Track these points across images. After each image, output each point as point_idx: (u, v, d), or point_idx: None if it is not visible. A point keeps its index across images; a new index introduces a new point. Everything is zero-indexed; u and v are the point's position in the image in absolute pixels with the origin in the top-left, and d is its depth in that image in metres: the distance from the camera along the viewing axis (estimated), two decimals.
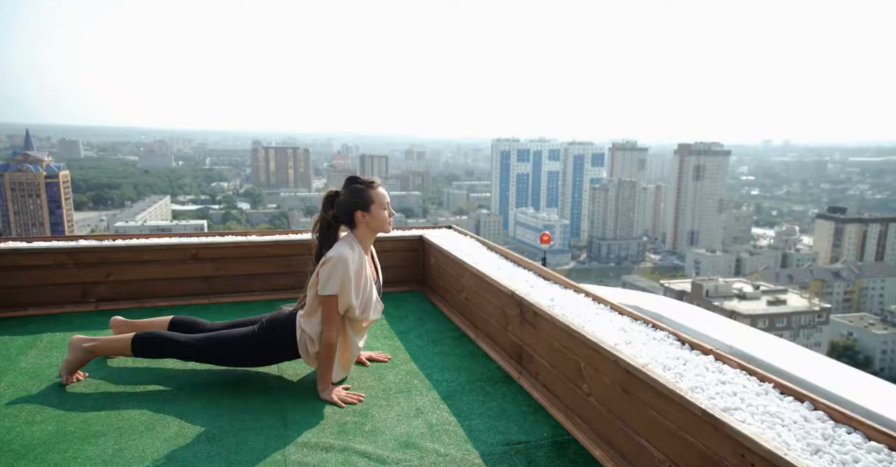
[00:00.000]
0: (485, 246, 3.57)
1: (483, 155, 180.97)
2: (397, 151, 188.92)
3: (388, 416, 2.15)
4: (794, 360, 2.65)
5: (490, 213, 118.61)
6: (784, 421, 1.47)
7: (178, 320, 2.49)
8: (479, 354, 2.78)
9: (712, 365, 1.80)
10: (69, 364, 2.31)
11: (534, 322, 2.37)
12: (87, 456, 1.81)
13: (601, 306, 2.38)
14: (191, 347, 2.30)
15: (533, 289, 2.62)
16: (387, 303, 3.49)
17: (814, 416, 1.49)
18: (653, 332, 2.08)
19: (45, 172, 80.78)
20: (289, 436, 1.97)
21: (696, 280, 62.13)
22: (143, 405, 2.16)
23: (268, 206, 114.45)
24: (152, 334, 2.33)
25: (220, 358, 2.35)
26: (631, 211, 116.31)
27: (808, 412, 1.52)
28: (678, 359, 1.83)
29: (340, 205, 2.29)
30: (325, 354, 2.25)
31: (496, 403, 2.29)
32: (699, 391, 1.63)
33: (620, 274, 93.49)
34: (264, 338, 2.32)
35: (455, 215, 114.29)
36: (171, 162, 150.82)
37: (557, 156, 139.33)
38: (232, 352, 2.33)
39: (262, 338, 2.32)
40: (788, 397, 1.61)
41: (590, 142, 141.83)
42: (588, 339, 1.96)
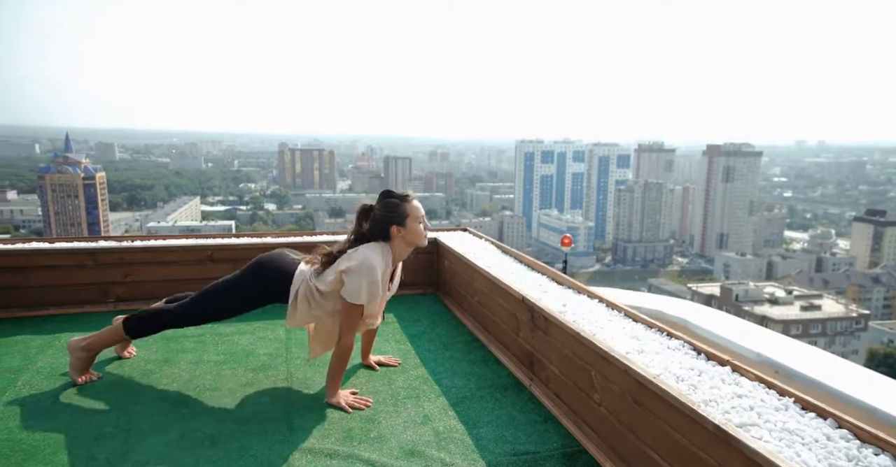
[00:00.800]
0: (499, 249, 3.52)
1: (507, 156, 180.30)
2: (421, 153, 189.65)
3: (394, 423, 2.12)
4: (826, 370, 2.53)
5: (513, 215, 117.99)
6: (804, 440, 1.38)
7: (172, 298, 2.52)
8: (490, 360, 2.73)
9: (729, 377, 1.71)
10: (73, 366, 2.35)
11: (545, 328, 2.30)
12: (93, 457, 1.82)
13: (615, 312, 2.30)
14: (178, 311, 2.31)
15: (545, 293, 2.56)
16: (399, 306, 3.48)
17: (837, 435, 1.40)
18: (667, 341, 1.99)
19: (82, 174, 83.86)
20: (293, 442, 1.95)
21: (726, 284, 60.64)
22: (152, 406, 2.17)
23: (294, 207, 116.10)
24: (137, 314, 2.35)
25: (210, 310, 2.32)
26: (657, 213, 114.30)
27: (831, 430, 1.42)
28: (692, 370, 1.75)
29: (375, 221, 2.24)
30: (340, 360, 2.22)
31: (505, 411, 2.24)
32: (713, 404, 1.55)
33: (646, 277, 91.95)
34: (255, 273, 2.29)
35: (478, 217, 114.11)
36: (201, 164, 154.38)
37: (582, 157, 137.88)
38: (220, 298, 2.30)
39: (251, 274, 2.29)
40: (810, 413, 1.51)
41: (615, 143, 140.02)
42: (598, 347, 1.89)
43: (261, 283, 2.30)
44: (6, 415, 2.07)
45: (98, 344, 2.36)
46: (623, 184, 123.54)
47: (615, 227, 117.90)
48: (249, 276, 2.31)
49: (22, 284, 3.07)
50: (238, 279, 2.32)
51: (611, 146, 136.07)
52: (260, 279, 2.30)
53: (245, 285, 2.31)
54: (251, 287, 2.31)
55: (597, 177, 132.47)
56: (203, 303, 2.32)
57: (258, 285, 2.30)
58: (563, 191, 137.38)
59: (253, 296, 2.33)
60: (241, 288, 2.31)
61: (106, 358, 2.57)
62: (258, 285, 2.30)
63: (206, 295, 2.33)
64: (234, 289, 2.32)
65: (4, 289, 3.05)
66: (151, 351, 2.69)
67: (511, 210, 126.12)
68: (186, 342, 2.81)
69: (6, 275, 3.05)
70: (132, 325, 2.34)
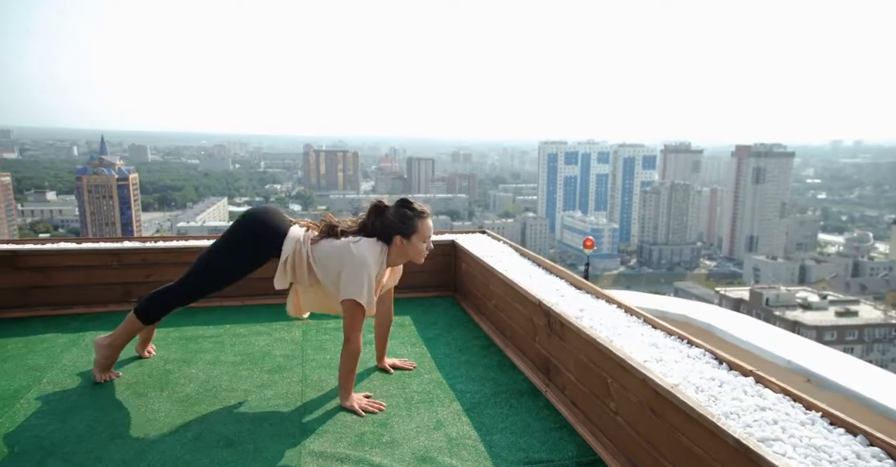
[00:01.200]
0: (517, 252, 3.47)
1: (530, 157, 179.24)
2: (444, 154, 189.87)
3: (407, 428, 2.10)
4: (861, 379, 2.42)
5: (536, 216, 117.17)
6: (832, 457, 1.31)
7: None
8: (506, 365, 2.69)
9: (752, 389, 1.65)
10: (98, 363, 2.39)
11: (561, 333, 2.26)
12: (110, 456, 1.84)
13: (633, 318, 2.24)
14: (177, 285, 2.31)
15: (563, 298, 2.51)
16: (416, 309, 3.46)
17: (868, 453, 1.33)
18: (687, 349, 1.93)
19: (116, 175, 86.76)
20: (305, 445, 1.95)
21: (756, 288, 59.08)
22: (169, 406, 2.19)
23: (318, 208, 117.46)
24: (144, 300, 2.34)
25: (205, 277, 2.30)
26: (684, 215, 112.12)
27: (861, 447, 1.35)
28: (713, 380, 1.69)
29: (384, 223, 2.22)
30: (350, 362, 2.20)
31: (520, 418, 2.20)
32: (734, 417, 1.49)
33: (673, 280, 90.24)
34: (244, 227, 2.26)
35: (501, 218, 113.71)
36: (229, 165, 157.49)
37: (607, 158, 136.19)
38: (213, 261, 2.28)
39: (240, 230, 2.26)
40: (839, 429, 1.44)
41: (641, 144, 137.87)
42: (615, 355, 1.84)
43: (251, 239, 2.26)
44: (30, 412, 2.12)
45: (120, 339, 2.38)
46: (649, 186, 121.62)
47: (640, 229, 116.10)
48: (239, 232, 2.28)
49: (49, 284, 3.15)
50: (227, 236, 2.29)
51: (636, 147, 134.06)
52: (250, 234, 2.26)
53: (234, 242, 2.27)
54: (241, 244, 2.26)
55: (622, 179, 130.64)
56: (197, 272, 2.31)
57: (248, 241, 2.26)
58: (587, 192, 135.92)
59: (244, 252, 2.27)
60: (231, 246, 2.27)
61: (126, 358, 2.62)
62: (248, 241, 2.26)
63: (199, 261, 2.32)
64: (225, 249, 2.28)
65: (32, 288, 3.13)
66: (171, 351, 2.73)
67: (534, 211, 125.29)
68: (205, 342, 2.84)
69: (34, 274, 3.13)
70: (141, 309, 2.33)
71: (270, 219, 2.29)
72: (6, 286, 3.11)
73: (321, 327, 3.10)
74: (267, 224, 2.27)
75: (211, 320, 3.15)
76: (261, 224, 2.27)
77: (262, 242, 2.26)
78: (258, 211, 2.34)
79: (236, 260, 2.28)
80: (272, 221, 2.28)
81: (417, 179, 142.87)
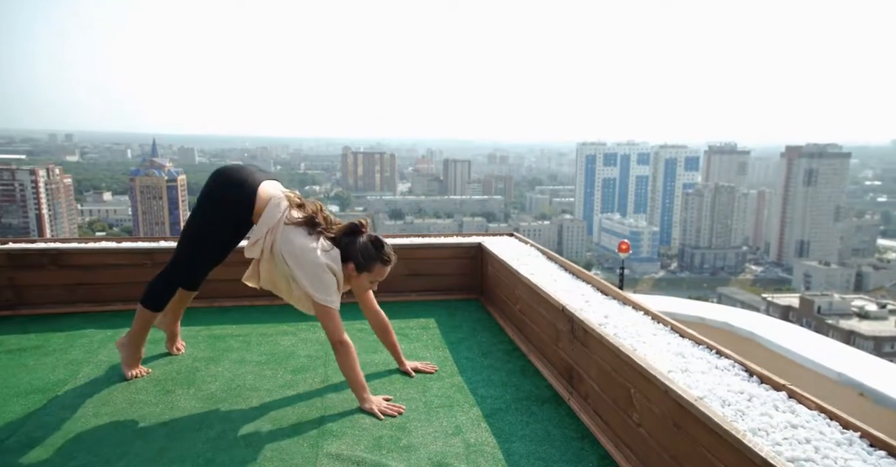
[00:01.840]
0: (544, 255, 3.41)
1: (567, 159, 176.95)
2: (480, 156, 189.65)
3: (425, 432, 2.08)
4: None
5: (573, 219, 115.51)
6: None
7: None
8: (529, 370, 2.64)
9: (783, 404, 1.55)
10: (124, 362, 2.46)
11: (584, 340, 2.19)
12: (134, 452, 1.90)
13: (660, 326, 2.16)
14: (172, 265, 2.35)
15: (587, 304, 2.44)
16: (441, 312, 3.45)
17: None
18: (716, 360, 1.84)
19: (166, 177, 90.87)
20: (323, 447, 1.96)
21: (806, 295, 56.45)
22: (194, 404, 2.24)
23: (355, 209, 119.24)
24: (146, 290, 2.39)
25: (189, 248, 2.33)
26: (729, 218, 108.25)
27: None
28: (742, 394, 1.60)
29: (348, 246, 2.23)
30: (348, 362, 2.20)
31: (541, 425, 2.15)
32: (762, 434, 1.40)
33: (716, 285, 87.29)
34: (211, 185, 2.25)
35: (537, 220, 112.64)
36: (271, 166, 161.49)
37: (647, 159, 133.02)
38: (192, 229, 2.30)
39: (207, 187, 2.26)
40: (880, 451, 1.34)
41: (683, 145, 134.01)
42: (638, 364, 1.77)
43: (216, 198, 2.24)
44: (65, 406, 2.20)
45: (137, 334, 2.43)
46: (691, 188, 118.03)
47: (682, 233, 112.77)
48: (205, 190, 2.27)
49: (90, 281, 3.29)
50: (199, 200, 2.30)
51: (678, 148, 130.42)
52: (219, 192, 2.24)
53: (205, 203, 2.26)
54: (209, 202, 2.25)
55: (662, 180, 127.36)
56: (181, 245, 2.34)
57: (214, 200, 2.25)
58: (626, 194, 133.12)
59: (215, 213, 2.26)
60: (202, 208, 2.27)
61: (157, 354, 2.70)
62: (214, 200, 2.25)
63: (182, 235, 2.35)
64: (199, 214, 2.29)
65: (74, 285, 3.28)
66: (199, 349, 2.80)
67: (571, 213, 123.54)
68: (232, 341, 2.91)
69: (76, 272, 3.27)
70: (144, 298, 2.39)
71: (238, 174, 2.27)
72: (53, 283, 3.26)
73: (347, 328, 3.11)
74: (232, 179, 2.25)
75: (239, 319, 3.21)
76: (228, 180, 2.25)
77: (231, 200, 2.23)
78: (222, 168, 2.33)
79: (213, 223, 2.28)
80: (241, 177, 2.25)
81: (453, 181, 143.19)
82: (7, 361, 2.60)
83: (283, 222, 2.20)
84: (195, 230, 2.33)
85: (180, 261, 2.37)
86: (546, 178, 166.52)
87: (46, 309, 3.23)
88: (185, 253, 2.36)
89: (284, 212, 2.22)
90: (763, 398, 1.58)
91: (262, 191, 2.25)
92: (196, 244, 2.35)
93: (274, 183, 2.34)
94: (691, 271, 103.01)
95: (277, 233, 2.20)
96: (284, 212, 2.23)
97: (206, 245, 2.34)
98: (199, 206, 2.30)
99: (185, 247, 2.36)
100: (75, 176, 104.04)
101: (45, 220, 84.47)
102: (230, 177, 2.27)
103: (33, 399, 2.25)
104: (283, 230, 2.20)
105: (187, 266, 2.38)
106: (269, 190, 2.28)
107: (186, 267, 2.39)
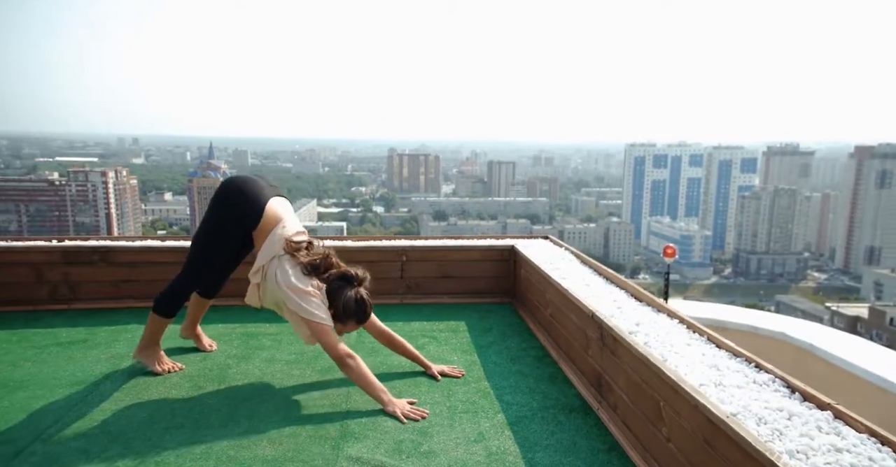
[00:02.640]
0: (578, 259, 3.32)
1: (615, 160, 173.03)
2: (525, 157, 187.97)
3: (447, 438, 2.04)
4: None
5: (620, 221, 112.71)
6: None
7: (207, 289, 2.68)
8: (558, 378, 2.56)
9: (828, 425, 1.43)
10: (150, 364, 2.53)
11: (613, 348, 2.11)
12: (164, 446, 1.95)
13: (696, 336, 2.04)
14: (183, 273, 2.43)
15: (619, 310, 2.35)
16: (473, 315, 3.41)
17: None
18: (755, 373, 1.72)
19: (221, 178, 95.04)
20: (344, 449, 1.95)
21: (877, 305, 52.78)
22: (223, 400, 2.29)
23: (400, 210, 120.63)
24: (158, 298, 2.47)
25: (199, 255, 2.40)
26: (789, 222, 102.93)
27: None
28: (781, 412, 1.49)
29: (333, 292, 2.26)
30: (357, 371, 2.22)
31: (567, 435, 2.07)
32: (800, 457, 1.29)
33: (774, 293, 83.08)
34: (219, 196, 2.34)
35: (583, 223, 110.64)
36: (319, 168, 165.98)
37: (700, 161, 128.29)
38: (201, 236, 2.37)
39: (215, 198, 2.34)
40: None
41: (739, 145, 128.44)
42: (667, 375, 1.68)
43: (225, 209, 2.33)
44: (105, 398, 2.29)
45: (149, 339, 2.52)
46: (748, 191, 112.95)
47: (737, 237, 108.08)
48: (214, 204, 2.35)
49: (135, 278, 3.43)
50: (208, 211, 2.37)
51: (734, 149, 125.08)
52: (224, 204, 2.33)
53: (214, 214, 2.34)
54: (219, 213, 2.33)
55: (716, 183, 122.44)
56: (192, 254, 2.40)
57: (223, 211, 2.33)
58: (676, 197, 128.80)
59: (225, 224, 2.33)
60: (211, 218, 2.35)
61: (192, 350, 2.79)
62: (223, 211, 2.33)
63: (192, 243, 2.42)
64: (207, 224, 2.36)
65: (121, 281, 3.43)
66: (233, 346, 2.87)
67: (618, 216, 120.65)
68: (265, 339, 2.96)
69: (123, 269, 3.43)
70: (157, 305, 2.47)
71: (247, 187, 2.33)
72: (102, 279, 3.42)
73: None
74: (243, 191, 2.32)
75: (273, 318, 3.22)
76: (237, 191, 2.33)
77: (236, 212, 2.31)
78: (233, 179, 2.40)
79: (220, 233, 2.36)
80: (248, 189, 2.33)
81: (497, 182, 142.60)
82: (57, 353, 2.75)
83: (281, 254, 2.27)
84: (204, 239, 2.40)
85: (190, 270, 2.45)
86: (592, 180, 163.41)
87: (96, 304, 3.40)
88: (195, 262, 2.43)
89: (282, 244, 2.28)
90: (805, 417, 1.46)
91: (270, 208, 2.33)
92: (205, 253, 2.42)
93: (282, 201, 2.42)
94: (746, 277, 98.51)
95: (275, 262, 2.27)
96: (282, 244, 2.28)
97: (214, 254, 2.42)
98: (209, 216, 2.37)
99: (195, 255, 2.43)
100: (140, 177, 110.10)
101: (114, 219, 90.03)
102: (241, 189, 2.35)
103: (76, 390, 2.36)
104: (280, 260, 2.26)
105: (197, 275, 2.46)
106: (277, 208, 2.35)
107: (196, 275, 2.46)
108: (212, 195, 2.41)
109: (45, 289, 3.36)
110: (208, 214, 2.37)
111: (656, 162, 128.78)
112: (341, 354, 2.21)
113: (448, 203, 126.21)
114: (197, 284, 2.47)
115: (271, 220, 2.32)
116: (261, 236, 2.33)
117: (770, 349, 4.37)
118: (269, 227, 2.32)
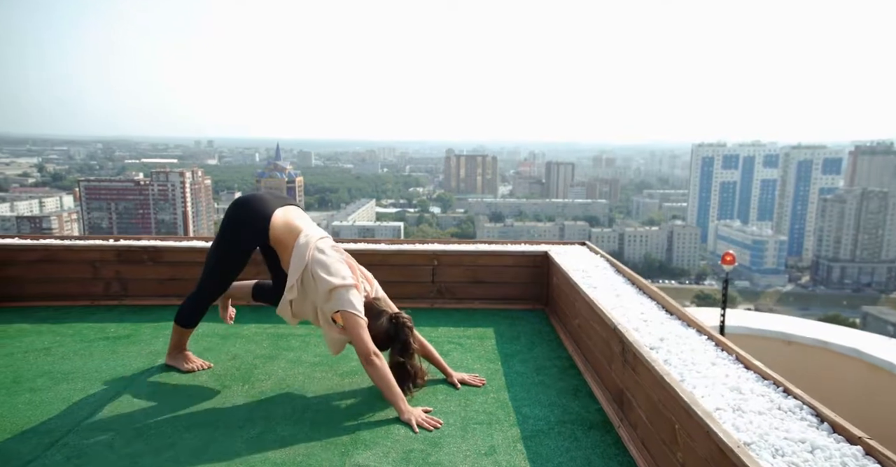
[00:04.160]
0: (613, 267, 3.18)
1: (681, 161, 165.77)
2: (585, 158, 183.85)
3: (457, 450, 2.01)
4: None
5: (685, 225, 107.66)
6: None
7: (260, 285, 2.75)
8: (581, 391, 2.46)
9: (856, 462, 1.28)
10: (180, 366, 2.64)
11: (633, 364, 2.00)
12: (181, 445, 2.01)
13: (723, 354, 1.90)
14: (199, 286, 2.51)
15: (645, 323, 2.23)
16: (503, 322, 3.34)
17: None
18: (781, 398, 1.58)
19: (286, 178, 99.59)
20: (353, 456, 1.95)
21: None
22: (244, 400, 2.35)
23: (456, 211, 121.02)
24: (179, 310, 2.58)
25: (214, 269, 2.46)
26: (880, 228, 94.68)
27: None
28: (803, 444, 1.35)
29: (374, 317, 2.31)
30: (380, 373, 2.21)
31: (583, 453, 1.98)
32: None
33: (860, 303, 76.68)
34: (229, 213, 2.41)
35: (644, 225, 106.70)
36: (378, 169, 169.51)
37: (775, 162, 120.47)
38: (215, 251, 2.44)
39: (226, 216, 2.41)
40: None
41: (821, 144, 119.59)
42: (680, 397, 1.57)
43: (233, 223, 2.40)
44: (138, 393, 2.41)
45: (174, 346, 2.65)
46: (831, 193, 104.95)
47: (816, 243, 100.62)
48: (224, 222, 2.43)
49: (180, 276, 3.61)
50: (220, 228, 2.45)
51: (815, 148, 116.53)
52: (232, 219, 2.41)
53: (225, 231, 2.42)
54: (228, 229, 2.41)
55: (794, 185, 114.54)
56: (207, 269, 2.48)
57: (231, 226, 2.40)
58: (747, 199, 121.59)
59: (235, 244, 2.41)
60: (223, 235, 2.42)
61: (223, 351, 2.89)
62: (231, 226, 2.40)
63: (207, 257, 2.49)
64: (220, 240, 2.44)
65: (167, 280, 3.62)
66: (261, 346, 2.95)
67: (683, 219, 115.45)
68: (293, 340, 3.03)
69: (169, 267, 3.62)
70: (178, 317, 2.57)
71: (249, 207, 2.40)
72: (149, 277, 3.63)
73: None
74: (246, 213, 2.39)
75: None
76: (240, 214, 2.41)
77: (243, 226, 2.39)
78: (241, 197, 2.49)
79: (232, 249, 2.43)
80: (250, 209, 2.39)
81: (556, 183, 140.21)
82: (103, 347, 2.93)
83: (314, 254, 2.31)
84: (216, 254, 2.48)
85: (205, 285, 2.53)
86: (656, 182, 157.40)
87: (144, 300, 3.60)
88: (209, 277, 2.52)
89: (313, 251, 2.32)
90: (830, 451, 1.32)
91: (277, 217, 2.39)
92: (218, 268, 2.49)
93: (292, 208, 2.46)
94: (828, 286, 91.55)
95: (309, 266, 2.31)
96: (312, 250, 2.32)
97: (227, 269, 2.50)
98: (220, 235, 2.46)
99: (208, 271, 2.51)
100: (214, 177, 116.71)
101: (189, 217, 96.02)
102: (246, 203, 2.43)
103: (115, 384, 2.50)
104: (314, 259, 2.30)
105: (211, 289, 2.54)
106: (286, 216, 2.40)
107: (210, 290, 2.55)
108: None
109: (100, 286, 3.60)
110: (220, 234, 2.46)
111: (726, 162, 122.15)
112: (370, 350, 2.21)
113: (505, 204, 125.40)
114: (213, 298, 2.57)
115: (281, 227, 2.37)
116: (281, 248, 2.39)
117: (841, 366, 3.97)
118: (284, 237, 2.37)
